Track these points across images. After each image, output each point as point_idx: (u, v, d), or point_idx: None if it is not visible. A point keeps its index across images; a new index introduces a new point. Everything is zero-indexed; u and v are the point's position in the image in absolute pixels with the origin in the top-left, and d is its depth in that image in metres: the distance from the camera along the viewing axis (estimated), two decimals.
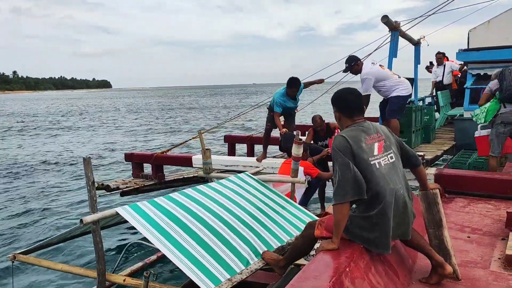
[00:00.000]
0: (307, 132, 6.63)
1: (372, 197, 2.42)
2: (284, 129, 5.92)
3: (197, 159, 7.03)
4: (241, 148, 10.32)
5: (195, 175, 7.45)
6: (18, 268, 5.25)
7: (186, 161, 7.32)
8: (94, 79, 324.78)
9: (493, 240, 3.42)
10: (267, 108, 6.55)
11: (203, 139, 4.64)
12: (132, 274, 3.40)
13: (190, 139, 9.14)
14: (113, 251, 6.08)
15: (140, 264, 3.87)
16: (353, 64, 5.75)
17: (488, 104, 5.31)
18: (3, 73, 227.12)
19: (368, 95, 5.57)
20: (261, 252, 3.01)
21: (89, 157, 2.81)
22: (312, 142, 6.34)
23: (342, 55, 6.15)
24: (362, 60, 5.92)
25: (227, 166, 6.75)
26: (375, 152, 2.48)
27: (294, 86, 5.98)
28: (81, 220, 2.60)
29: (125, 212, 2.80)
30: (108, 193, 6.88)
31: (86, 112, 41.03)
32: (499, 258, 3.04)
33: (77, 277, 5.07)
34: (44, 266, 3.22)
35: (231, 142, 9.60)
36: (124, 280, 2.74)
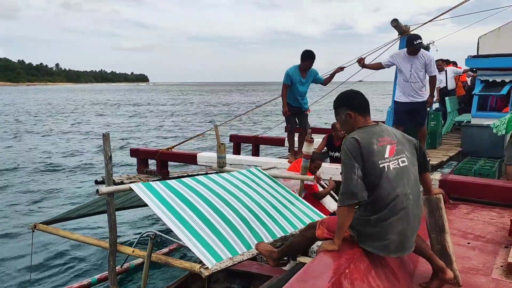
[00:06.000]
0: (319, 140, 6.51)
1: (378, 200, 2.40)
2: (286, 109, 6.02)
3: (202, 156, 7.07)
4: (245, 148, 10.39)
5: (199, 173, 7.47)
6: (37, 237, 5.57)
7: (191, 158, 7.35)
8: (132, 73, 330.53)
9: (495, 248, 3.40)
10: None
11: (218, 133, 4.61)
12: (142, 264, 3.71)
13: (200, 134, 9.16)
14: (127, 239, 6.31)
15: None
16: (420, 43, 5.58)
17: (508, 115, 5.25)
18: (46, 65, 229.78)
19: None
20: (264, 239, 3.13)
21: (108, 133, 2.96)
22: (324, 149, 6.30)
23: (379, 53, 6.12)
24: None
25: (231, 165, 6.76)
26: (386, 155, 2.43)
27: (307, 58, 5.90)
28: (97, 191, 2.82)
29: (138, 189, 3.00)
30: None
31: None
32: (501, 266, 3.03)
33: (89, 250, 5.81)
34: (61, 236, 3.47)
35: (237, 141, 9.63)
36: (133, 251, 2.98)
